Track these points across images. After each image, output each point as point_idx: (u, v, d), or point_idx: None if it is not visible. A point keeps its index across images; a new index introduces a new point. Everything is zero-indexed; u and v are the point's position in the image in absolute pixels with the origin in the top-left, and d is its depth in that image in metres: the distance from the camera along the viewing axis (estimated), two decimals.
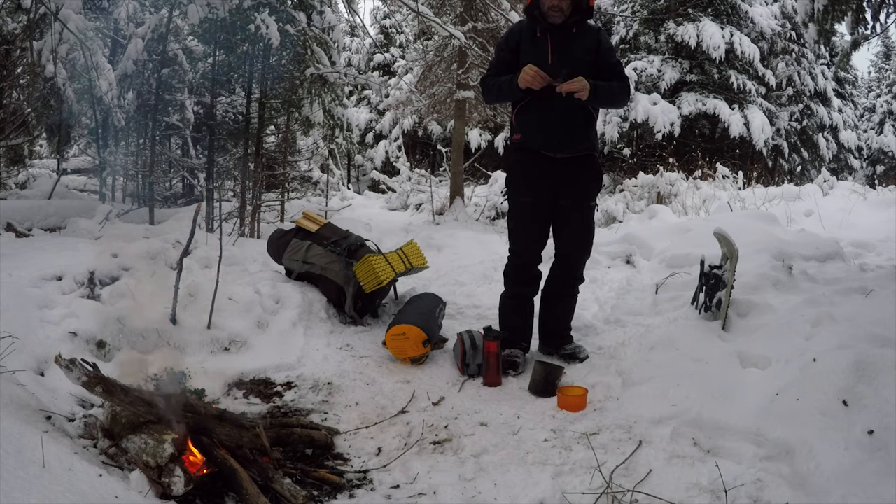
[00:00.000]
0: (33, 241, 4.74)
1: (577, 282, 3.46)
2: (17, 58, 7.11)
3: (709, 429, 2.40)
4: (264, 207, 8.30)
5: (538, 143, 3.18)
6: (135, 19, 7.02)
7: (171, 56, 6.94)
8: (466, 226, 9.18)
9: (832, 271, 4.15)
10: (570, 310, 3.52)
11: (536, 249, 3.34)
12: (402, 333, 3.34)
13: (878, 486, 1.88)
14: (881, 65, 29.00)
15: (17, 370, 2.31)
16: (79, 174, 10.65)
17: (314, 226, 4.17)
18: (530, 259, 3.36)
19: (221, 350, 3.29)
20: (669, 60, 15.33)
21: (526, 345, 3.44)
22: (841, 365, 2.31)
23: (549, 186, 3.21)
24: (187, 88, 7.48)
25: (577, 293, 3.53)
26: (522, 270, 3.38)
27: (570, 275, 3.42)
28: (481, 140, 18.34)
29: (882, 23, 4.56)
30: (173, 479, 1.90)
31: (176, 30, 7.04)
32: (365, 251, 4.00)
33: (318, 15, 7.78)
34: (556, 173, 3.19)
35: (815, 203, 7.72)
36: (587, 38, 3.18)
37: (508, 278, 3.44)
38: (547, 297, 3.48)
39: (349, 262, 3.89)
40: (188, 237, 3.30)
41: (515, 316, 3.43)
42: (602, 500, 2.04)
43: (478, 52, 9.40)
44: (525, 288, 3.42)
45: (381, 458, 2.39)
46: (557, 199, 3.24)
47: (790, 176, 16.72)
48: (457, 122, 10.59)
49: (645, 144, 14.54)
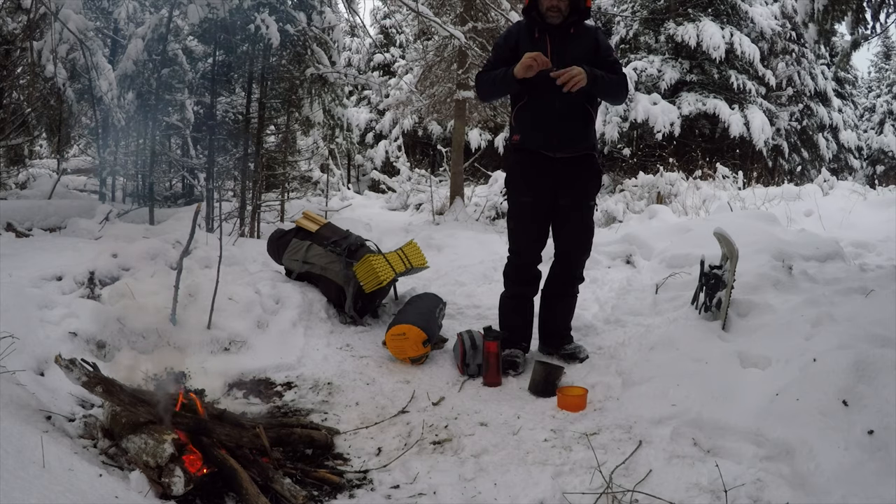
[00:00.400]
0: (33, 241, 4.74)
1: (576, 281, 3.46)
2: (17, 58, 7.11)
3: (709, 429, 2.40)
4: (264, 207, 8.30)
5: (537, 143, 3.18)
6: (135, 19, 7.02)
7: (171, 56, 6.94)
8: (466, 226, 9.18)
9: (832, 271, 4.15)
10: (570, 309, 3.52)
11: (536, 249, 3.34)
12: (402, 333, 3.34)
13: (878, 486, 1.88)
14: (881, 65, 29.00)
15: (17, 370, 2.31)
16: (79, 174, 10.66)
17: (314, 226, 4.17)
18: (530, 259, 3.36)
19: (221, 350, 3.28)
20: (669, 60, 15.33)
21: (526, 345, 3.44)
22: (841, 365, 2.31)
23: (549, 186, 3.21)
24: (187, 88, 7.48)
25: (577, 293, 3.53)
26: (522, 270, 3.38)
27: (569, 274, 3.42)
28: (481, 140, 18.34)
29: (882, 23, 4.56)
30: (173, 479, 1.90)
31: (176, 30, 7.04)
32: (365, 251, 4.00)
33: (318, 15, 7.78)
34: (555, 173, 3.19)
35: (815, 203, 7.72)
36: (585, 38, 3.18)
37: (508, 278, 3.44)
38: (547, 297, 3.48)
39: (349, 262, 3.89)
40: (188, 237, 3.30)
41: (515, 316, 3.43)
42: (602, 500, 2.04)
43: (478, 52, 9.40)
44: (525, 288, 3.42)
45: (381, 458, 2.39)
46: (557, 199, 3.24)
47: (790, 176, 16.72)
48: (457, 122, 10.60)
49: (645, 144, 14.54)
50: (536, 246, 3.34)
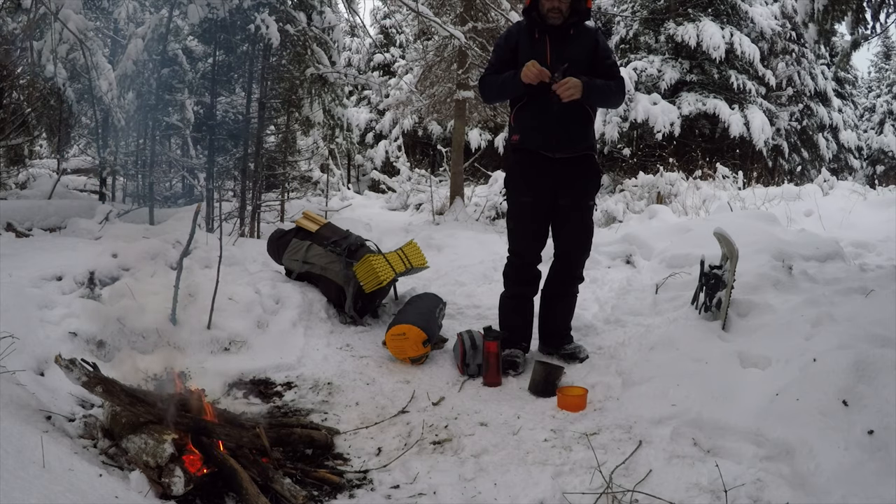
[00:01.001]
0: (33, 241, 4.73)
1: (576, 281, 3.46)
2: (17, 58, 7.11)
3: (709, 429, 2.40)
4: (264, 207, 8.29)
5: (537, 144, 3.18)
6: (135, 19, 7.02)
7: (171, 56, 6.94)
8: (466, 226, 9.18)
9: (832, 271, 4.15)
10: (570, 309, 3.52)
11: (536, 249, 3.35)
12: (402, 333, 3.34)
13: (878, 486, 1.88)
14: (881, 65, 29.00)
15: (17, 370, 2.31)
16: (79, 174, 10.65)
17: (314, 226, 4.17)
18: (530, 259, 3.36)
19: (221, 350, 3.28)
20: (669, 60, 15.33)
21: (526, 345, 3.44)
22: (841, 365, 2.31)
23: (548, 186, 3.21)
24: (187, 88, 7.48)
25: (577, 293, 3.53)
26: (522, 270, 3.38)
27: (569, 274, 3.42)
28: (481, 140, 18.34)
29: (882, 23, 4.56)
30: (173, 480, 1.90)
31: (176, 30, 7.03)
32: (365, 251, 4.00)
33: (318, 15, 7.78)
34: (554, 173, 3.20)
35: (815, 203, 7.71)
36: (585, 39, 3.19)
37: (508, 278, 3.44)
38: (547, 297, 3.48)
39: (349, 262, 3.89)
40: (188, 237, 3.30)
41: (515, 316, 3.43)
42: (602, 500, 2.04)
43: (478, 52, 9.40)
44: (525, 288, 3.42)
45: (381, 458, 2.39)
46: (556, 199, 3.24)
47: (790, 176, 16.72)
48: (457, 122, 10.59)
49: (645, 144, 14.54)
50: (536, 246, 3.34)
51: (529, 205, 3.25)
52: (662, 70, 15.13)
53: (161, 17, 6.55)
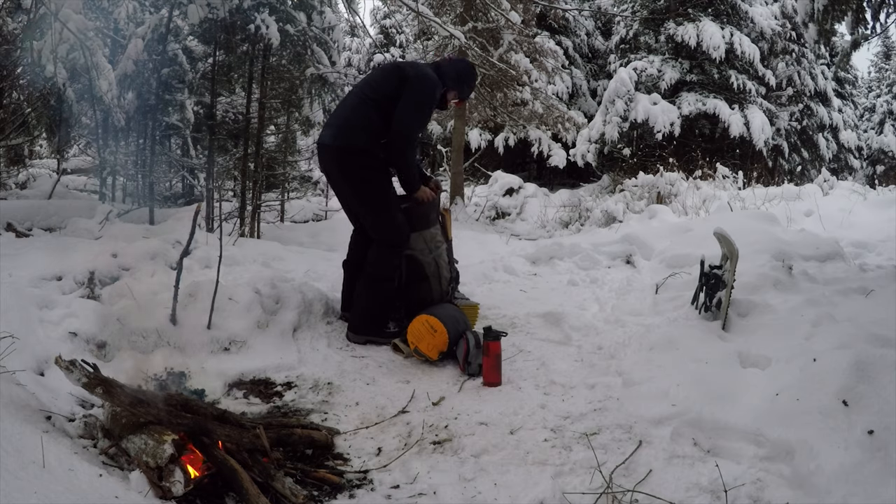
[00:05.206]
0: (33, 241, 4.73)
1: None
2: (17, 58, 7.11)
3: (709, 429, 2.40)
4: (264, 207, 8.30)
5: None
6: (135, 19, 7.02)
7: (171, 56, 6.94)
8: (466, 226, 9.19)
9: (832, 271, 4.15)
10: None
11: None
12: (435, 329, 3.32)
13: (878, 486, 1.89)
14: (881, 65, 29.01)
15: (17, 370, 2.31)
16: (79, 174, 10.65)
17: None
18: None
19: (221, 350, 3.28)
20: (669, 60, 15.34)
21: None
22: (841, 365, 2.31)
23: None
24: (187, 88, 7.48)
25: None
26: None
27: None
28: (481, 140, 18.31)
29: (882, 23, 4.56)
30: (173, 480, 1.90)
31: (176, 30, 7.04)
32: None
33: (318, 15, 7.77)
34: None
35: (815, 203, 7.70)
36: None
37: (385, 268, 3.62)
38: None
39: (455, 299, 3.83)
40: (188, 237, 3.29)
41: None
42: (602, 500, 2.04)
43: (478, 52, 9.39)
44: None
45: (381, 458, 2.39)
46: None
47: (790, 176, 16.70)
48: (457, 122, 10.60)
49: (645, 144, 14.53)
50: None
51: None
52: (662, 70, 15.14)
53: (161, 17, 6.55)
